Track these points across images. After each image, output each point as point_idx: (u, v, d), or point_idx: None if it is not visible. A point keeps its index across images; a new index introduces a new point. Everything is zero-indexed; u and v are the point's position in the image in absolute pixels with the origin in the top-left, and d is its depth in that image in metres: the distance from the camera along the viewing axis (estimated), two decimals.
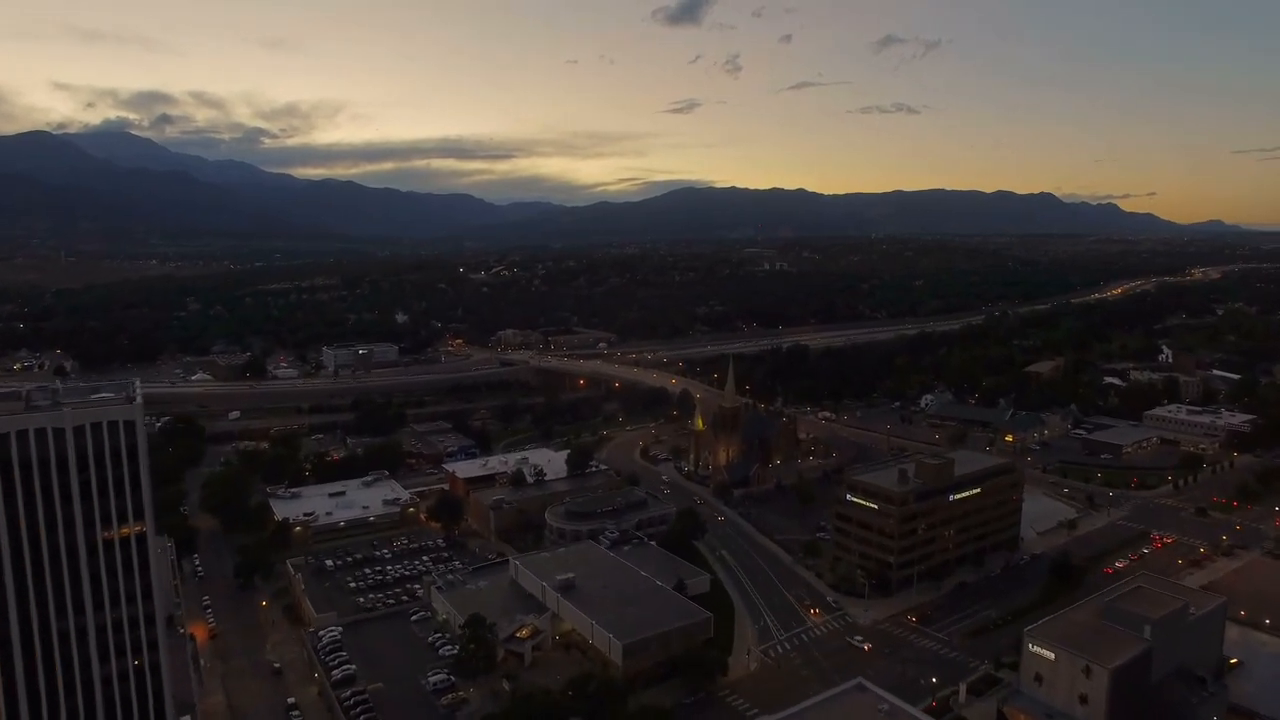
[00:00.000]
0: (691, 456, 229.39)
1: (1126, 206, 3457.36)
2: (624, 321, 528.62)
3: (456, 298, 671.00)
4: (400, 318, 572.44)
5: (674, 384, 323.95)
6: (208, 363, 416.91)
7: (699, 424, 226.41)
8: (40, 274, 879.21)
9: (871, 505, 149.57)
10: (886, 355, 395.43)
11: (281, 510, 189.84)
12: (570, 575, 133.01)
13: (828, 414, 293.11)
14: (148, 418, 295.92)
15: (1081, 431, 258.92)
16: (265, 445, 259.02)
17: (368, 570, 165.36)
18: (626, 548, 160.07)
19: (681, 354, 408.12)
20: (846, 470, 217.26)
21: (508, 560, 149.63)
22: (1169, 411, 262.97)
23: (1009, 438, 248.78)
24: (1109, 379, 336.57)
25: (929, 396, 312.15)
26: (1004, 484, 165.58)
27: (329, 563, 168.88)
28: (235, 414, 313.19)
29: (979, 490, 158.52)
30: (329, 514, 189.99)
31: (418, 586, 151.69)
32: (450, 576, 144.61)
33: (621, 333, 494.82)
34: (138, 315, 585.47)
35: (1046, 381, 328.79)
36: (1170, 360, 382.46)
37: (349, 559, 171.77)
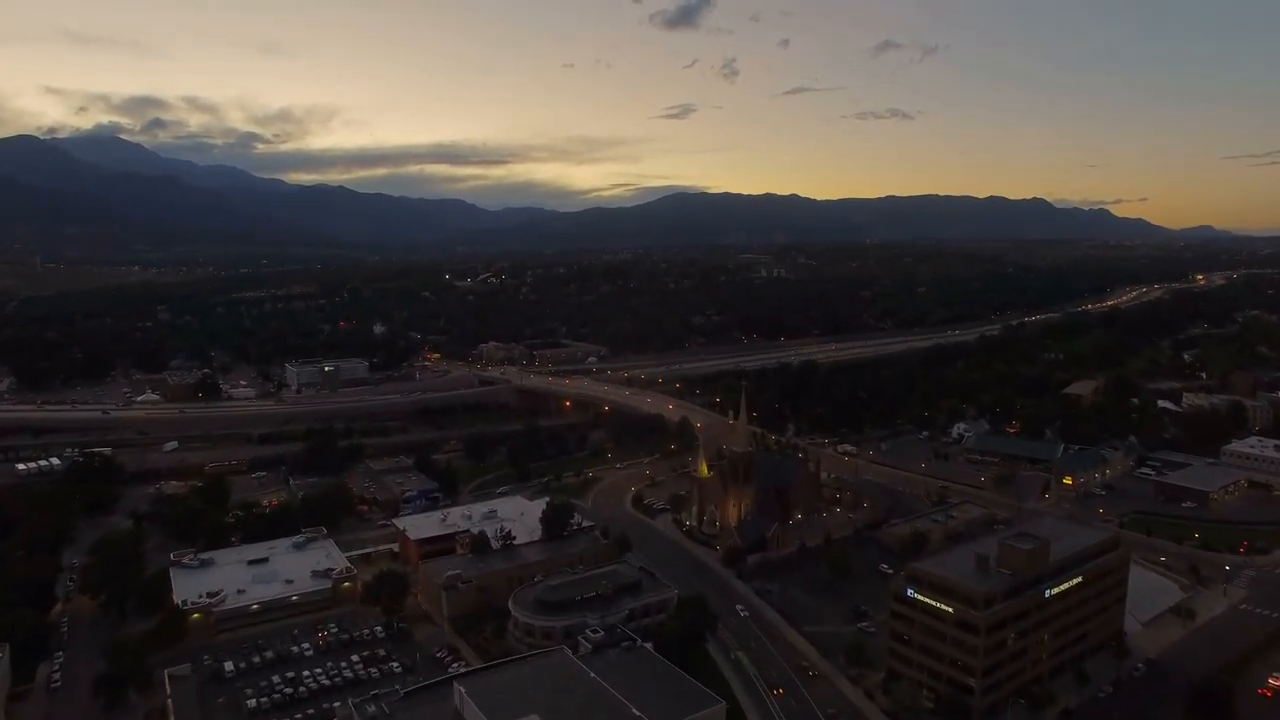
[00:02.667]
0: (694, 509, 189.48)
1: (1118, 212, 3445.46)
2: (616, 332, 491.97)
3: (440, 307, 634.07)
4: (378, 329, 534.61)
5: (671, 409, 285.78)
6: (160, 380, 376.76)
7: (702, 469, 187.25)
8: (16, 280, 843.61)
9: (944, 608, 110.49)
10: (904, 373, 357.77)
11: (183, 587, 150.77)
12: (534, 719, 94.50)
13: (849, 447, 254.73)
14: (68, 450, 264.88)
15: (1149, 471, 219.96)
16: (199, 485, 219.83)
17: (277, 678, 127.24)
18: (614, 652, 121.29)
19: (678, 370, 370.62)
20: (884, 528, 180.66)
21: (452, 681, 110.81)
22: (1252, 447, 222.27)
23: (1068, 480, 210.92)
24: (1161, 403, 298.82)
25: (961, 425, 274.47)
26: (1108, 566, 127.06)
27: (229, 666, 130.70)
28: (172, 445, 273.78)
29: (1081, 579, 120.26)
30: (241, 592, 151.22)
31: (337, 706, 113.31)
32: (373, 709, 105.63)
33: (613, 345, 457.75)
34: (100, 325, 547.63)
35: (1090, 406, 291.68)
36: (1207, 377, 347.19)
37: (257, 659, 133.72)
